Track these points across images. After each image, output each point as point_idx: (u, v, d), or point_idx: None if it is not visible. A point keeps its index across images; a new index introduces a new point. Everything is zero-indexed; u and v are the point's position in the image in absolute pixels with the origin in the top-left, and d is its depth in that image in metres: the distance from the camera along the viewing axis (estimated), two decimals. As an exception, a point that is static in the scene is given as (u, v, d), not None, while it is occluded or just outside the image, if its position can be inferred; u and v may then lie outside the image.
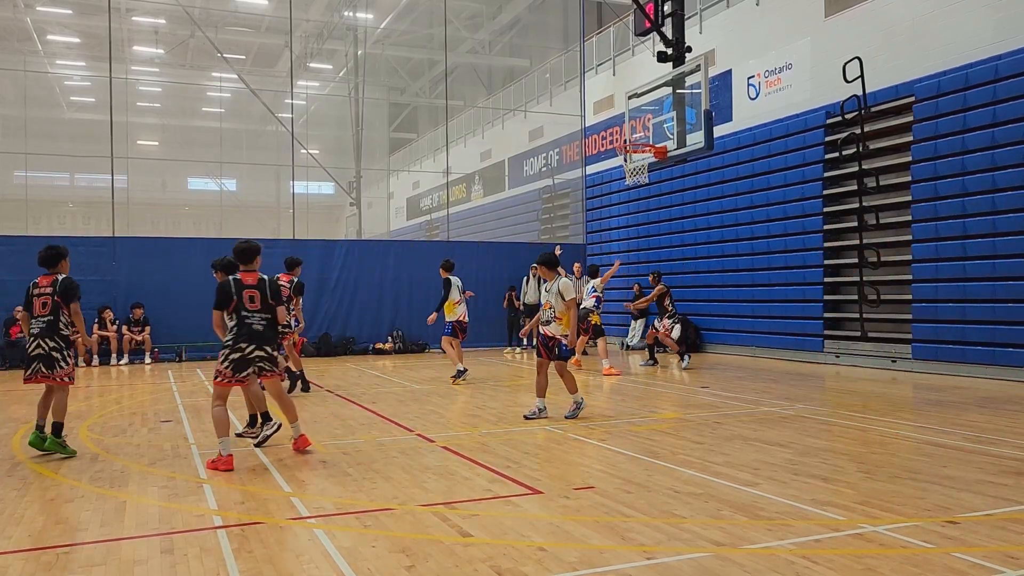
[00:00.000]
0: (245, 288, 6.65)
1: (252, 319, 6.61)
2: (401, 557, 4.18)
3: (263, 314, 6.66)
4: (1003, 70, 11.61)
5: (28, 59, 25.95)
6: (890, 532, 4.48)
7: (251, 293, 6.63)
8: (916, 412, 8.85)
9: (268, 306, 6.69)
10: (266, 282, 6.73)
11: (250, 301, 6.61)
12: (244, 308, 6.61)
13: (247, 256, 6.83)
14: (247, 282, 6.69)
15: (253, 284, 6.68)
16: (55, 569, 4.10)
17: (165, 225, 32.47)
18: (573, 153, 23.03)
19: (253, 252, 6.87)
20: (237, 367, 6.57)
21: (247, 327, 6.59)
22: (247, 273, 6.77)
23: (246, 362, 6.59)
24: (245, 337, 6.56)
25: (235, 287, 6.65)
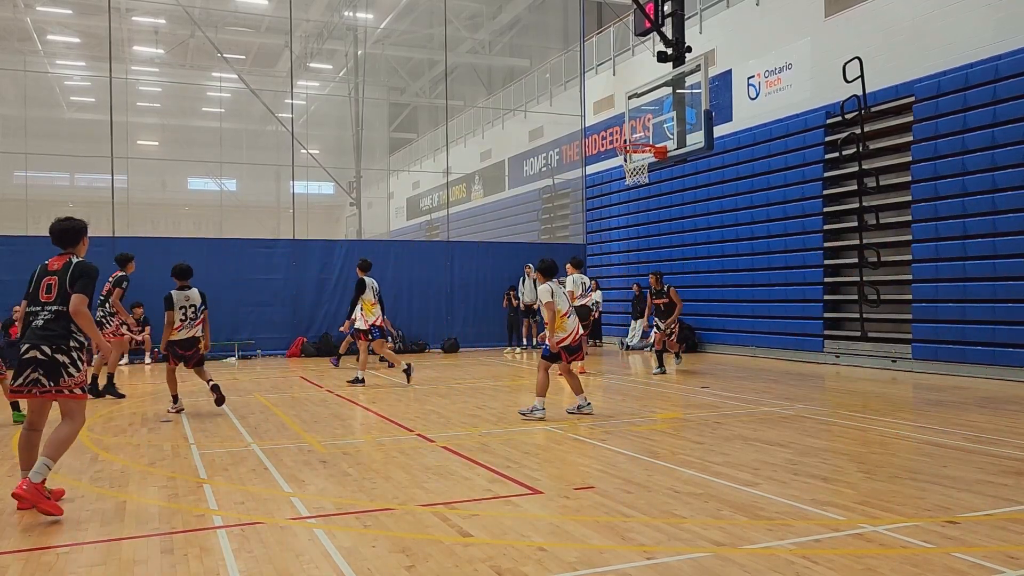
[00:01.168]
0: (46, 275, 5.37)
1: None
2: (401, 557, 4.18)
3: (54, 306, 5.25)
4: (1003, 70, 11.62)
5: (28, 59, 25.95)
6: (890, 532, 4.48)
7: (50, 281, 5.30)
8: (916, 412, 8.85)
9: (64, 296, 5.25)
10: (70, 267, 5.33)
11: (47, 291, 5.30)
12: None
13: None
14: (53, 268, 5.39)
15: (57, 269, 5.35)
16: (55, 569, 4.10)
17: (165, 225, 32.46)
18: (573, 153, 23.03)
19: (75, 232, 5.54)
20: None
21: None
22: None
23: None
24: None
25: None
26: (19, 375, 5.20)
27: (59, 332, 5.21)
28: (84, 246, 5.58)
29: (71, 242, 5.51)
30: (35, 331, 5.21)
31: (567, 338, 8.61)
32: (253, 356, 17.57)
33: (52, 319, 5.22)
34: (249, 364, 16.42)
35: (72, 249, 5.50)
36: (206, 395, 11.12)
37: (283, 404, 10.15)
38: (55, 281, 5.29)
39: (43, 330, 5.19)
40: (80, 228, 5.56)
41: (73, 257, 5.42)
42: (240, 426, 8.45)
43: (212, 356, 17.16)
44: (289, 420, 8.83)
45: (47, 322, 5.21)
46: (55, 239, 5.51)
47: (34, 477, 4.95)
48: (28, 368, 5.17)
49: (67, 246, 5.50)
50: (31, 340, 5.20)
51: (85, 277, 5.29)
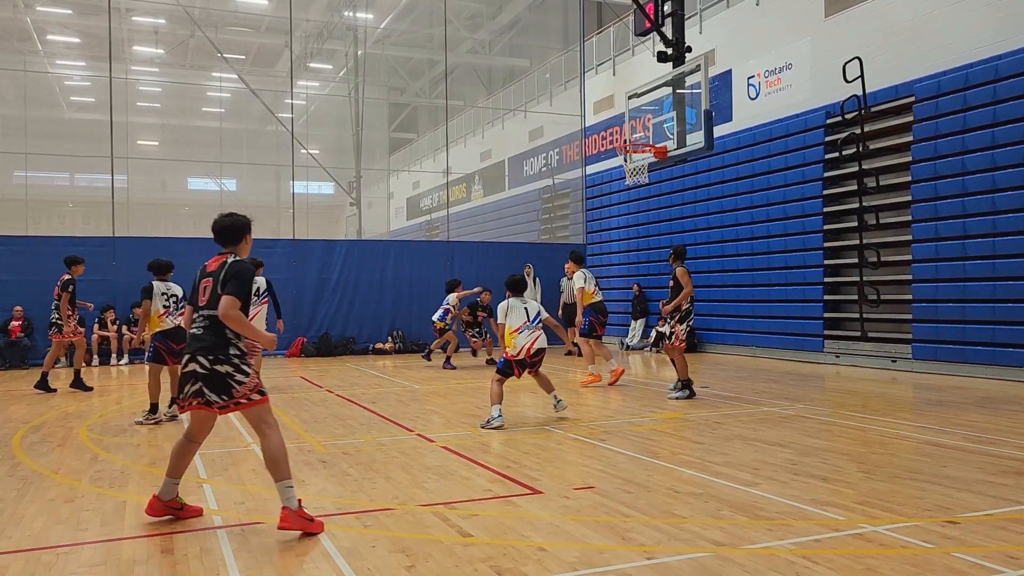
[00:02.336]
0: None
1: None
2: (401, 557, 4.18)
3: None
4: (1003, 70, 11.62)
5: (28, 59, 25.96)
6: (890, 532, 4.48)
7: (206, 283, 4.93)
8: (916, 412, 8.85)
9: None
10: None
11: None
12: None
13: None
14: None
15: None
16: (55, 569, 4.10)
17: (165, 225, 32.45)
18: (573, 153, 23.04)
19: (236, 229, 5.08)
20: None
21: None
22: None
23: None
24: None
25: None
26: (180, 388, 4.83)
27: (215, 341, 4.74)
28: (247, 245, 5.07)
29: (232, 240, 4.97)
30: (192, 341, 4.84)
31: (518, 353, 8.51)
32: (253, 356, 17.54)
33: (207, 326, 4.77)
34: (249, 364, 16.40)
35: (233, 248, 4.97)
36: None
37: (283, 404, 10.15)
38: (210, 284, 4.81)
39: (198, 340, 4.77)
40: (242, 225, 5.02)
41: (230, 256, 4.90)
42: (240, 426, 8.44)
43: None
44: (289, 420, 8.83)
45: (203, 330, 4.78)
46: (216, 237, 5.01)
47: (291, 504, 4.58)
48: (188, 382, 4.77)
49: (228, 244, 4.97)
50: (189, 351, 4.80)
51: (236, 278, 4.74)
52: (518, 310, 8.78)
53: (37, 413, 9.61)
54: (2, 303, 15.88)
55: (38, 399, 10.99)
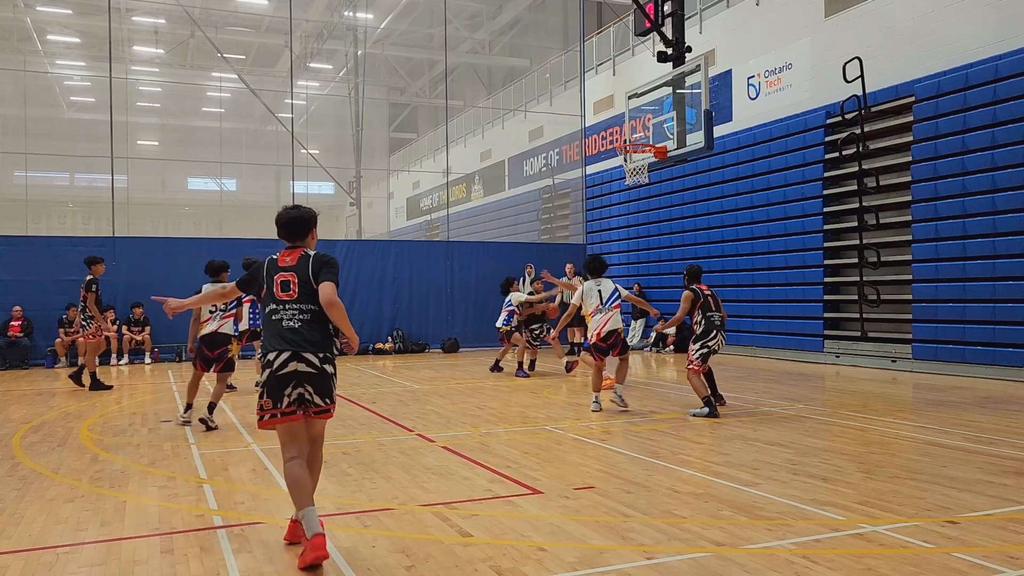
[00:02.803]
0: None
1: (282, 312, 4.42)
2: (401, 557, 4.18)
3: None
4: (1003, 70, 11.62)
5: (28, 59, 25.93)
6: (890, 532, 4.48)
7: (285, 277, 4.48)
8: (916, 412, 8.85)
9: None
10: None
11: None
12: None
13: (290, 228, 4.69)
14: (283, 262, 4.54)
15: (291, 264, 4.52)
16: (55, 569, 4.10)
17: (165, 225, 32.48)
18: (573, 153, 23.04)
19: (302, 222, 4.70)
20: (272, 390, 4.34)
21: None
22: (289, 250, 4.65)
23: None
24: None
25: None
26: (275, 395, 4.26)
27: (320, 337, 4.33)
28: (314, 239, 4.73)
29: (301, 233, 4.64)
30: (288, 337, 4.27)
31: (592, 338, 9.07)
32: (253, 356, 17.54)
33: (307, 320, 4.33)
34: (249, 364, 16.41)
35: (301, 242, 4.64)
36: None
37: (283, 404, 10.14)
38: (292, 278, 4.42)
39: (298, 335, 4.27)
40: (310, 217, 4.69)
41: (307, 250, 4.58)
42: (240, 426, 8.44)
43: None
44: (289, 420, 8.82)
45: (302, 324, 4.31)
46: (284, 231, 4.65)
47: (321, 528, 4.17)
48: (287, 386, 4.25)
49: (296, 238, 4.63)
50: (287, 348, 4.26)
51: (329, 266, 4.46)
52: (592, 293, 9.15)
53: (37, 413, 9.61)
54: (2, 303, 15.87)
55: (38, 399, 10.99)
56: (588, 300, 9.16)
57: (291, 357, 4.25)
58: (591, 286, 9.23)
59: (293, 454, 4.36)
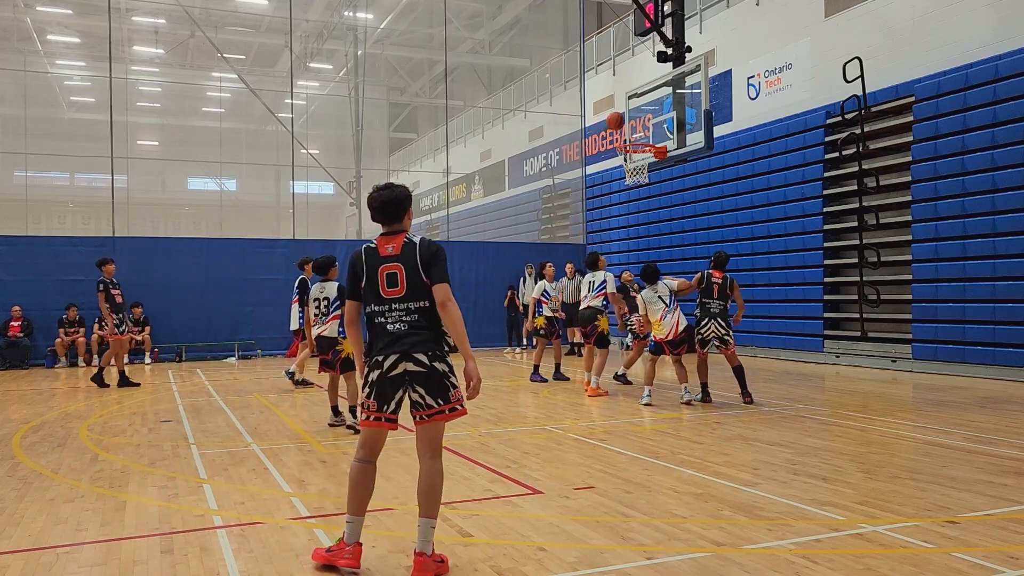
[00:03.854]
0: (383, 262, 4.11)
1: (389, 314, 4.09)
2: (401, 557, 4.18)
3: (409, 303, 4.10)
4: (1003, 70, 11.62)
5: (28, 59, 25.93)
6: (890, 532, 4.48)
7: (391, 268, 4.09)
8: (916, 412, 8.85)
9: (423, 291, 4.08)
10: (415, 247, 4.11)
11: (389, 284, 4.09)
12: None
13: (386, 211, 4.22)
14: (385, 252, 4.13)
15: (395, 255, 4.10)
16: (55, 569, 4.10)
17: (165, 225, 32.46)
18: (573, 153, 23.04)
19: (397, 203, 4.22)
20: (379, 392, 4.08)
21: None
22: (389, 236, 4.20)
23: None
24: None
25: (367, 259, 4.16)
26: (383, 397, 4.04)
27: (431, 335, 4.05)
28: (410, 220, 4.29)
29: (397, 215, 4.18)
30: (398, 339, 4.00)
31: (667, 335, 9.51)
32: (253, 356, 17.56)
33: (417, 319, 4.03)
34: (249, 364, 16.41)
35: (399, 225, 4.18)
36: (206, 395, 11.15)
37: (283, 404, 10.15)
38: (399, 270, 4.03)
39: (407, 337, 4.00)
40: (405, 197, 4.22)
41: (410, 236, 4.15)
42: (240, 426, 8.44)
43: (212, 356, 17.21)
44: (289, 420, 8.83)
45: (409, 325, 4.02)
46: (379, 215, 4.20)
47: (427, 548, 3.96)
48: (398, 389, 4.03)
49: (393, 221, 4.18)
50: (395, 350, 4.00)
51: (440, 261, 4.06)
52: (654, 303, 9.64)
53: (37, 413, 9.61)
54: (2, 303, 15.86)
55: (38, 399, 10.99)
56: (652, 309, 9.66)
57: (400, 358, 4.00)
58: (650, 295, 9.68)
59: (364, 456, 4.20)
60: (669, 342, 9.55)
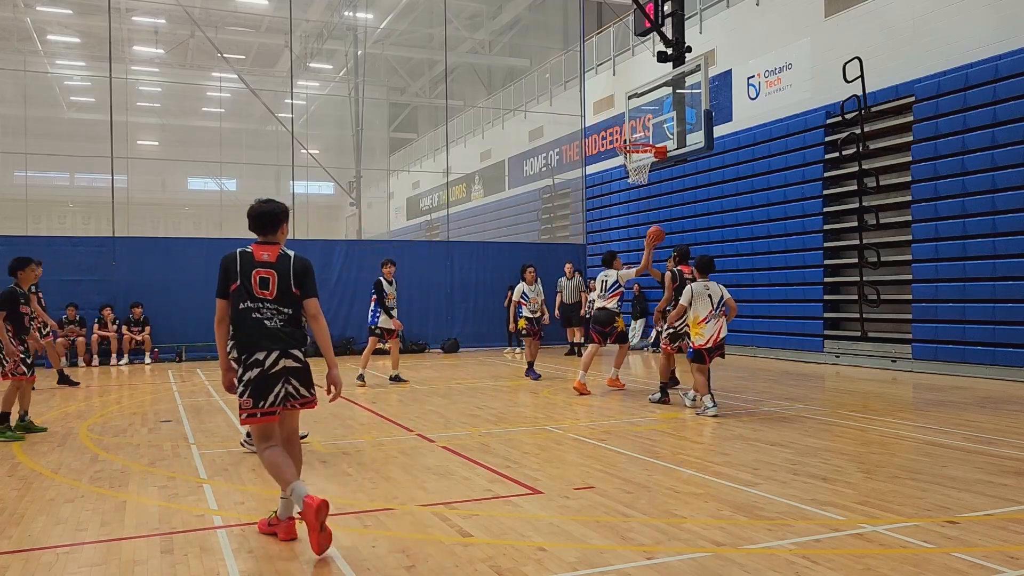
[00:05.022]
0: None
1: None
2: (401, 557, 4.18)
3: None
4: (1003, 70, 11.62)
5: (28, 59, 25.95)
6: (890, 532, 4.48)
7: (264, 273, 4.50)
8: (916, 412, 8.85)
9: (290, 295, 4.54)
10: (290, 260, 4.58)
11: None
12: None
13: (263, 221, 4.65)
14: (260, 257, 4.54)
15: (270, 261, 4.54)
16: (55, 569, 4.10)
17: (165, 225, 32.49)
18: (573, 153, 23.04)
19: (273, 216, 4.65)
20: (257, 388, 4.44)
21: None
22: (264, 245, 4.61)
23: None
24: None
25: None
26: (266, 395, 4.39)
27: (300, 334, 4.56)
28: (284, 235, 4.69)
29: (273, 227, 4.60)
30: (274, 337, 4.42)
31: (707, 342, 8.66)
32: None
33: (288, 319, 4.48)
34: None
35: (273, 237, 4.61)
36: (206, 395, 11.15)
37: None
38: (272, 275, 4.46)
39: (283, 335, 4.44)
40: (282, 212, 4.66)
41: (284, 248, 4.59)
42: (240, 426, 8.44)
43: (212, 356, 17.21)
44: (289, 420, 8.82)
45: (284, 324, 4.46)
46: (255, 224, 4.61)
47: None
48: (278, 383, 4.43)
49: (267, 232, 4.59)
50: (275, 345, 4.41)
51: (311, 275, 4.56)
52: (704, 298, 8.63)
53: (37, 413, 9.60)
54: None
55: (38, 399, 10.98)
56: (699, 304, 8.65)
57: (281, 355, 4.44)
58: (700, 288, 8.69)
59: (269, 444, 4.51)
60: (708, 349, 8.68)
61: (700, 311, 8.67)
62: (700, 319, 8.65)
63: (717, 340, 8.67)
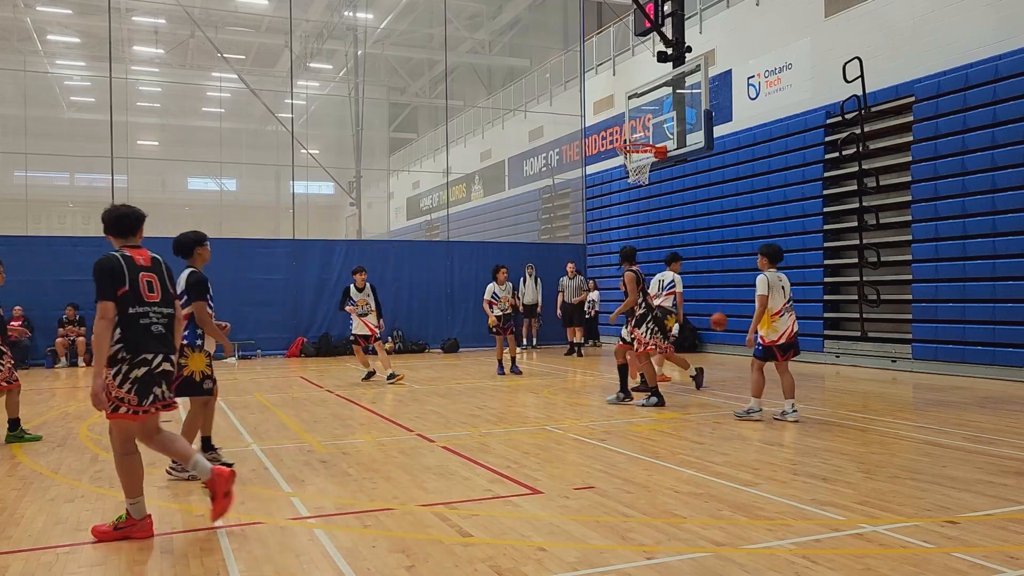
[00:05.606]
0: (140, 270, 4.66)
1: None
2: (401, 557, 4.18)
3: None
4: (1003, 70, 11.62)
5: (28, 59, 25.95)
6: (890, 532, 4.48)
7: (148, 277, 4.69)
8: (916, 412, 8.85)
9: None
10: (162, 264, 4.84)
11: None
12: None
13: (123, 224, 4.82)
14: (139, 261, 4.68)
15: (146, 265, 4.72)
16: (55, 569, 4.10)
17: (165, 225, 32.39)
18: (573, 153, 23.04)
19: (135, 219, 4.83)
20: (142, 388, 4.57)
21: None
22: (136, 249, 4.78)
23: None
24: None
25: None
26: (148, 394, 4.54)
27: (173, 339, 4.80)
28: (140, 238, 4.89)
29: (133, 230, 4.80)
30: (159, 340, 4.62)
31: (779, 338, 8.16)
32: (253, 356, 17.56)
33: (167, 323, 4.71)
34: (249, 364, 16.42)
35: (134, 239, 4.79)
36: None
37: (283, 404, 10.15)
38: (154, 280, 4.68)
39: (165, 339, 4.66)
40: (143, 216, 4.87)
41: (151, 252, 4.79)
42: (240, 426, 8.45)
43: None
44: (289, 420, 8.83)
45: (165, 328, 4.68)
46: (119, 227, 4.76)
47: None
48: (160, 384, 4.62)
49: (129, 235, 4.78)
50: (161, 350, 4.61)
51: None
52: (778, 289, 8.13)
53: (37, 413, 9.61)
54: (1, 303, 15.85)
55: (38, 399, 11.00)
56: (775, 295, 8.11)
57: (164, 358, 4.63)
58: (775, 278, 8.20)
59: (134, 449, 4.67)
60: (780, 346, 8.15)
61: (775, 303, 8.13)
62: (775, 311, 8.07)
63: (791, 335, 8.14)
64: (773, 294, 8.18)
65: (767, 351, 8.27)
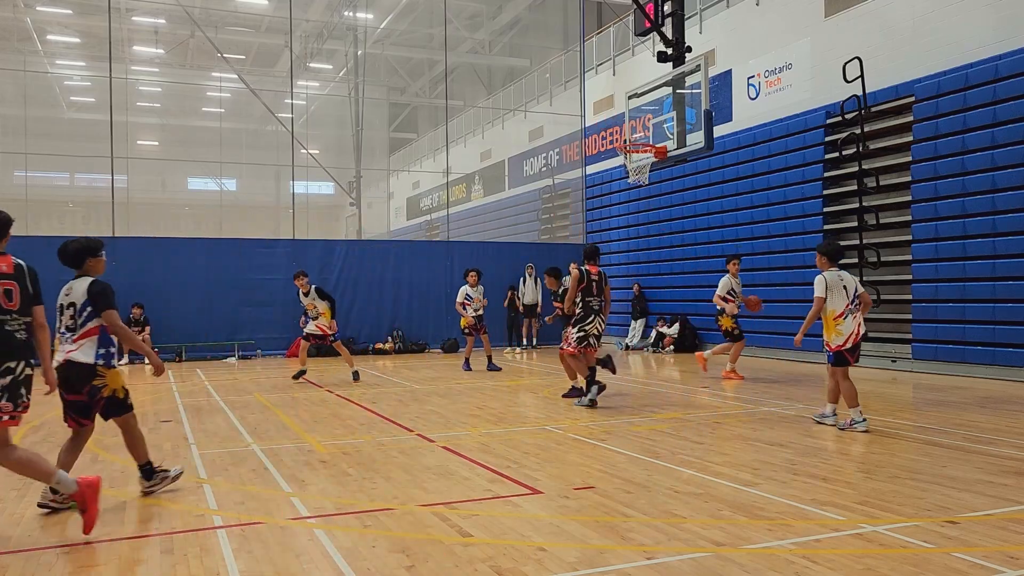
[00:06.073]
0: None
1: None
2: (401, 557, 4.18)
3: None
4: (1003, 70, 11.62)
5: (28, 59, 25.95)
6: (890, 532, 4.48)
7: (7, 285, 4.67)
8: (916, 412, 8.85)
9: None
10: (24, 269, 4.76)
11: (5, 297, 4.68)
12: None
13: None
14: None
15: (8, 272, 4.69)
16: (55, 569, 4.10)
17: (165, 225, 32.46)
18: (573, 153, 23.04)
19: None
20: None
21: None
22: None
23: None
24: None
25: None
26: (21, 398, 4.70)
27: (32, 345, 4.84)
28: (5, 243, 4.83)
29: (1, 234, 4.78)
30: (24, 345, 4.74)
31: (845, 342, 7.65)
32: (253, 356, 17.57)
33: (28, 330, 4.77)
34: (249, 364, 16.42)
35: (1, 247, 4.78)
36: (206, 395, 11.15)
37: (283, 404, 10.15)
38: (14, 287, 4.66)
39: (28, 344, 4.76)
40: (11, 221, 4.84)
41: (14, 257, 4.73)
42: (240, 426, 8.45)
43: (213, 356, 17.21)
44: (289, 420, 8.83)
45: (28, 335, 4.78)
46: None
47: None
48: (27, 390, 4.77)
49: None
50: (26, 354, 4.73)
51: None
52: (839, 290, 7.60)
53: (37, 413, 9.60)
54: (2, 303, 15.86)
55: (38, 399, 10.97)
56: (836, 296, 7.59)
57: (27, 364, 4.70)
58: (835, 278, 7.67)
59: (14, 445, 4.76)
60: (848, 349, 7.64)
61: (837, 304, 7.59)
62: (837, 313, 7.55)
63: (857, 338, 7.61)
64: (833, 295, 7.65)
65: (839, 356, 7.73)
